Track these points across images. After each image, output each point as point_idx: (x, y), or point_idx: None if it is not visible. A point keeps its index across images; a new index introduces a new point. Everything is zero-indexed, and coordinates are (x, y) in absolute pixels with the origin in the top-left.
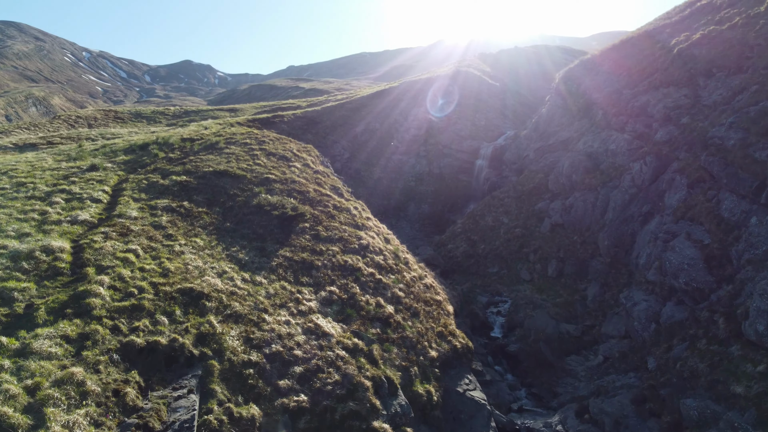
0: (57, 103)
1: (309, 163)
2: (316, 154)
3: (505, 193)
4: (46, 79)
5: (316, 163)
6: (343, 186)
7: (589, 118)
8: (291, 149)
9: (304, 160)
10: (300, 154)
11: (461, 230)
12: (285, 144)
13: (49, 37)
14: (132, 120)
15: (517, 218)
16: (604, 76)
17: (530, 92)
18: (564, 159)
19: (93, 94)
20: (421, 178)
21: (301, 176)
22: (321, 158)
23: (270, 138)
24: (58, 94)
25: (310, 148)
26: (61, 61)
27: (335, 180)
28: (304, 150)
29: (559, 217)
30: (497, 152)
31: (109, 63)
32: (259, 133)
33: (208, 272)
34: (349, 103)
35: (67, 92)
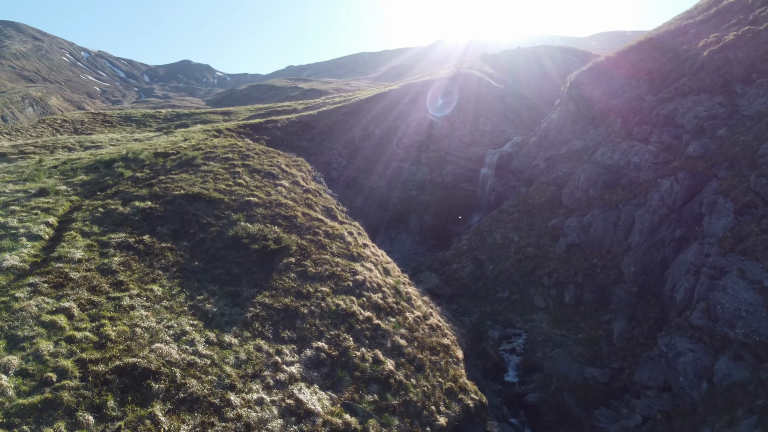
0: (54, 103)
1: (299, 180)
2: (308, 168)
3: (515, 207)
4: (43, 79)
5: (307, 180)
6: (337, 206)
7: (605, 126)
8: (279, 164)
9: (293, 177)
10: (289, 169)
11: (467, 247)
12: (272, 158)
13: (48, 37)
14: (121, 124)
15: (529, 236)
16: (621, 80)
17: (534, 94)
18: (579, 171)
19: (91, 95)
20: (423, 187)
21: (288, 197)
22: (313, 173)
23: (255, 151)
24: (56, 95)
25: (301, 162)
26: (60, 61)
27: (328, 199)
28: (294, 164)
29: (576, 237)
30: (503, 160)
31: (108, 63)
32: (243, 145)
33: (162, 335)
34: (346, 107)
35: (64, 92)
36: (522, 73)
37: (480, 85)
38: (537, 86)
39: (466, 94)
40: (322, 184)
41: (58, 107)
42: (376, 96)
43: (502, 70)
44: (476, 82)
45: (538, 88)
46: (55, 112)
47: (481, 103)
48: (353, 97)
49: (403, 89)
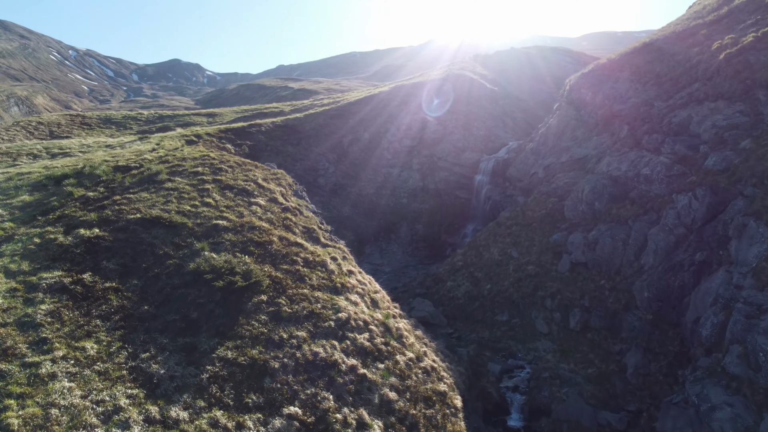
0: (40, 102)
1: (277, 197)
2: (288, 181)
3: (513, 220)
4: (30, 78)
5: (287, 195)
6: (320, 226)
7: (610, 134)
8: (255, 178)
9: (270, 193)
10: (266, 184)
11: (462, 263)
12: (248, 171)
13: (35, 35)
14: (100, 126)
15: (529, 252)
16: (626, 84)
17: (528, 96)
18: (582, 182)
19: (79, 93)
20: (414, 194)
21: (264, 218)
22: (294, 186)
23: (230, 164)
24: (42, 94)
25: (281, 175)
26: (47, 60)
27: (309, 217)
28: (273, 178)
29: (581, 255)
30: (499, 167)
31: (96, 62)
32: (216, 156)
33: (87, 416)
34: (334, 110)
35: (51, 91)
36: (515, 75)
37: (473, 86)
38: (531, 88)
39: (458, 96)
40: (304, 199)
41: (44, 106)
42: (365, 98)
43: (495, 71)
44: (469, 83)
45: (532, 89)
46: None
47: (474, 106)
48: (342, 99)
49: (393, 91)
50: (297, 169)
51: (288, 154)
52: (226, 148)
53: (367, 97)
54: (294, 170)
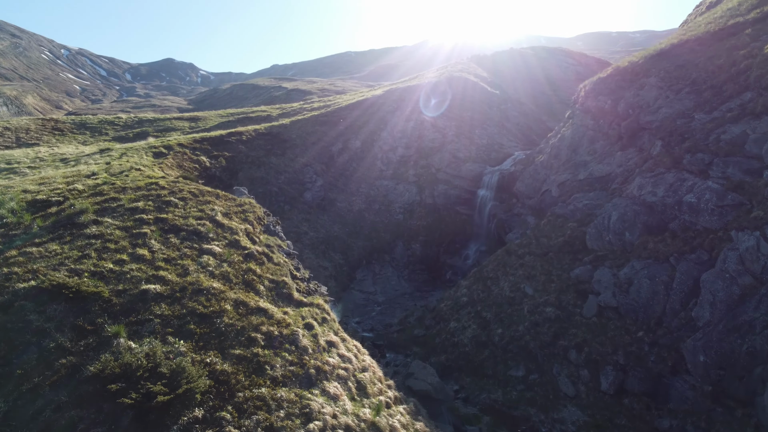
0: (30, 102)
1: (240, 238)
2: (258, 214)
3: (525, 248)
4: (21, 77)
5: (254, 234)
6: (294, 275)
7: (637, 149)
8: (213, 214)
9: (232, 234)
10: (228, 221)
11: (467, 299)
12: (205, 204)
13: (27, 34)
14: (73, 132)
15: (546, 289)
16: (654, 91)
17: (530, 100)
18: (609, 207)
19: (70, 93)
20: (411, 210)
21: (217, 273)
22: (265, 220)
23: (183, 194)
24: (32, 93)
25: (248, 206)
26: (38, 59)
27: (281, 265)
28: (238, 212)
29: (611, 297)
30: (505, 181)
31: (89, 61)
32: (166, 185)
33: None
34: (323, 116)
35: (42, 91)
36: (516, 77)
37: (474, 90)
38: (532, 91)
39: (458, 100)
40: (277, 235)
41: (34, 106)
42: (359, 103)
43: (494, 73)
44: (470, 87)
45: (533, 92)
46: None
47: (475, 112)
48: (333, 103)
49: (386, 95)
50: (280, 182)
51: (271, 165)
52: (199, 162)
53: (360, 101)
54: (277, 184)
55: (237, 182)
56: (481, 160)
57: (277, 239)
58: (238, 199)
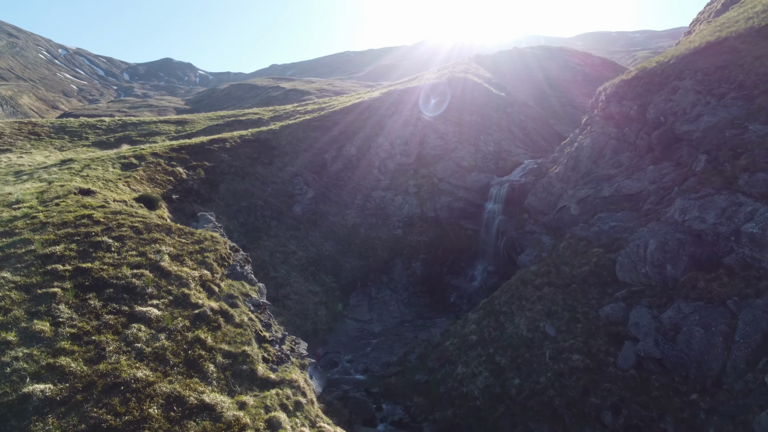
0: (26, 102)
1: (190, 292)
2: (221, 253)
3: (543, 277)
4: (17, 77)
5: (213, 282)
6: (260, 337)
7: (674, 163)
8: (157, 258)
9: (179, 286)
10: (177, 267)
11: (477, 337)
12: (150, 243)
13: (24, 34)
14: (51, 136)
15: (571, 330)
16: (691, 95)
17: (537, 103)
18: (644, 232)
19: (67, 93)
20: (411, 224)
21: (148, 352)
22: (231, 259)
23: (122, 230)
24: (28, 93)
25: (209, 243)
26: (35, 59)
27: (243, 324)
28: (194, 251)
29: (653, 345)
30: (515, 193)
31: (87, 60)
32: (105, 217)
33: None
34: (316, 120)
35: (38, 91)
36: (519, 78)
37: (477, 92)
38: (537, 92)
39: (460, 103)
40: (245, 277)
41: (29, 106)
42: (353, 106)
43: (497, 74)
44: (473, 89)
45: (539, 94)
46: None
47: (479, 116)
48: (327, 106)
49: (384, 97)
50: (267, 195)
51: (257, 176)
52: (175, 173)
53: (355, 104)
54: (263, 196)
55: (218, 195)
56: (487, 170)
57: (245, 284)
58: (197, 234)
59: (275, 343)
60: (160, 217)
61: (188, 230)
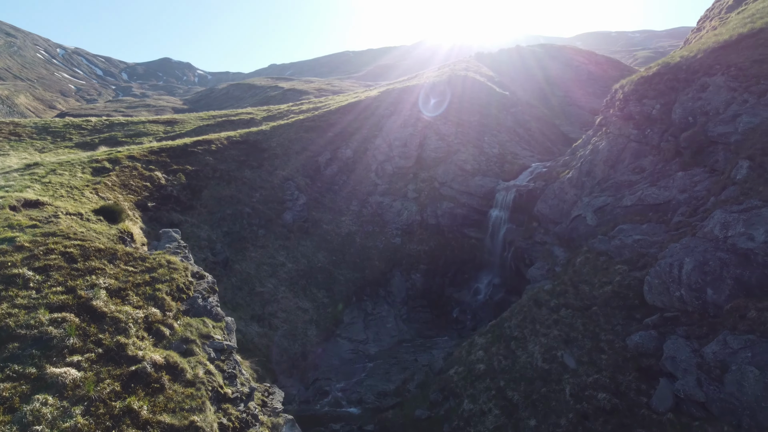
0: (23, 102)
1: (127, 341)
2: (179, 283)
3: (559, 297)
4: (14, 77)
5: (163, 322)
6: (218, 402)
7: (707, 169)
8: (89, 297)
9: (114, 332)
10: (117, 307)
11: (485, 367)
12: (85, 275)
13: (22, 33)
14: (32, 137)
15: (594, 361)
16: (724, 93)
17: (542, 102)
18: (677, 249)
19: (65, 93)
20: (410, 231)
21: None
22: (191, 290)
23: (47, 261)
24: (25, 93)
25: (164, 270)
26: (33, 58)
27: (196, 381)
28: (142, 283)
29: (695, 386)
30: (522, 199)
31: (85, 60)
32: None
33: None
34: (309, 120)
35: (35, 90)
36: (523, 77)
37: (480, 91)
38: (541, 92)
39: (463, 103)
40: (207, 312)
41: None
42: (349, 105)
43: (500, 73)
44: (476, 88)
45: (543, 94)
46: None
47: (483, 116)
48: (323, 105)
49: (382, 96)
50: (254, 201)
51: (244, 180)
52: (152, 178)
53: (353, 103)
54: (250, 203)
55: (200, 202)
56: (492, 173)
57: (207, 322)
58: (151, 259)
59: (240, 401)
60: (121, 234)
61: (140, 254)
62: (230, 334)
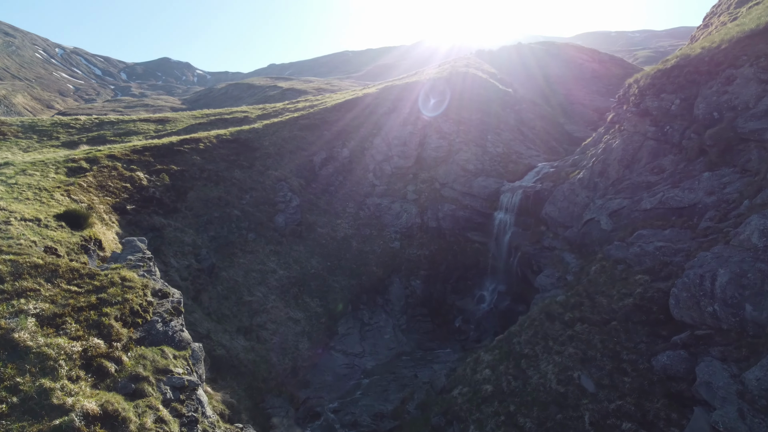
0: (20, 101)
1: (53, 384)
2: (134, 305)
3: (573, 309)
4: (12, 77)
5: (109, 355)
6: None
7: (738, 170)
8: (11, 328)
9: (39, 373)
10: (48, 339)
11: (493, 388)
12: (12, 298)
13: (20, 33)
14: (18, 136)
15: (615, 384)
16: (755, 85)
17: (545, 100)
18: (708, 258)
19: (63, 92)
20: (410, 235)
21: None
22: (150, 312)
23: None
24: (23, 92)
25: (116, 290)
26: (32, 58)
27: None
28: (86, 306)
29: (737, 418)
30: (529, 202)
31: (84, 60)
32: None
33: None
34: (305, 118)
35: (33, 90)
36: (525, 74)
37: (483, 88)
38: (544, 90)
39: (466, 100)
40: (169, 339)
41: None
42: (347, 103)
43: (502, 70)
44: (478, 85)
45: (546, 91)
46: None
47: (487, 114)
48: (320, 103)
49: (382, 94)
50: (244, 204)
51: (233, 181)
52: (133, 179)
53: (351, 100)
54: (240, 205)
55: (185, 205)
56: (496, 174)
57: (166, 351)
58: (102, 276)
59: None
60: (85, 242)
61: (88, 271)
62: (197, 363)
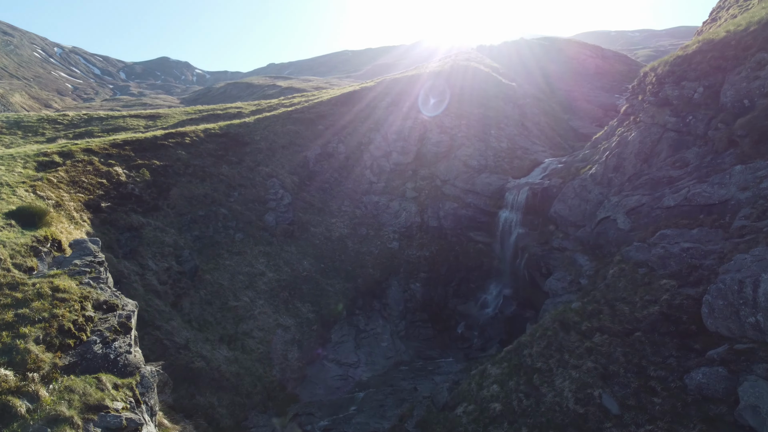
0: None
1: None
2: (71, 318)
3: (591, 318)
4: (10, 75)
5: (20, 394)
6: None
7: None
8: None
9: None
10: None
11: (501, 407)
12: None
13: (18, 32)
14: (3, 132)
15: (642, 404)
16: None
17: (548, 96)
18: (746, 262)
19: (62, 92)
20: (409, 235)
21: None
22: (87, 326)
23: None
24: (20, 91)
25: (43, 302)
26: (30, 57)
27: None
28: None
29: None
30: (536, 199)
31: (82, 59)
32: None
33: None
34: (299, 112)
35: (31, 89)
36: (527, 69)
37: (485, 82)
38: (547, 85)
39: (467, 95)
40: (111, 360)
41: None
42: (343, 96)
43: (504, 65)
44: (480, 78)
45: (549, 87)
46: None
47: (490, 109)
48: (316, 98)
49: (380, 88)
50: (232, 201)
51: (221, 177)
52: (110, 174)
53: (348, 94)
54: (227, 203)
55: (167, 202)
56: (500, 170)
57: (104, 381)
58: (27, 287)
59: None
60: (38, 242)
61: (10, 280)
62: (147, 393)
